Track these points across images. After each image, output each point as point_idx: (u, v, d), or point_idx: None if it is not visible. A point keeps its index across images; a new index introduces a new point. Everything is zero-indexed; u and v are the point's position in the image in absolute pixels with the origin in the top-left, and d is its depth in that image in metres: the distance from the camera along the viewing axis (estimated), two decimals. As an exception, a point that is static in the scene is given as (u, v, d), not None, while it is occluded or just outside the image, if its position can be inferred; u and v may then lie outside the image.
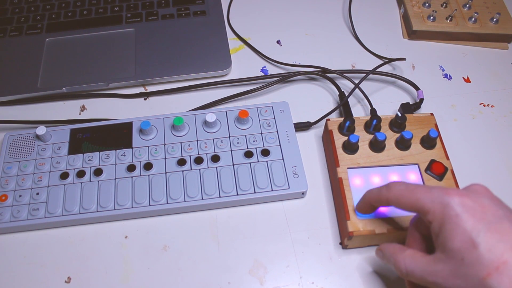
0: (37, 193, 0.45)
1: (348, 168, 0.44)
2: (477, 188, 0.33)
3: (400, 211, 0.41)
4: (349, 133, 0.46)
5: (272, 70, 0.58)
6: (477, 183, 0.34)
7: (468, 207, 0.31)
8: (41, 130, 0.47)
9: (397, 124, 0.46)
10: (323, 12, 0.64)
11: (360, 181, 0.43)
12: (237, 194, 0.44)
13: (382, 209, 0.41)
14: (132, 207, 0.44)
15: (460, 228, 0.30)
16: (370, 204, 0.38)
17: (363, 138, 0.46)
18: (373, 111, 0.50)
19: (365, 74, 0.53)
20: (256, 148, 0.47)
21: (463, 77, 0.57)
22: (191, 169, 0.46)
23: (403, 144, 0.45)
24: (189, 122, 0.49)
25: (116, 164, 0.47)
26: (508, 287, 0.28)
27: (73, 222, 0.44)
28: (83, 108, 0.54)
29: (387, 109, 0.53)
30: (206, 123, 0.49)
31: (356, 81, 0.53)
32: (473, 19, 0.60)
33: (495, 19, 0.60)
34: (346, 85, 0.55)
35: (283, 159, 0.46)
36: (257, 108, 0.50)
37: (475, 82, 0.56)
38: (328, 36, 0.61)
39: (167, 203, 0.44)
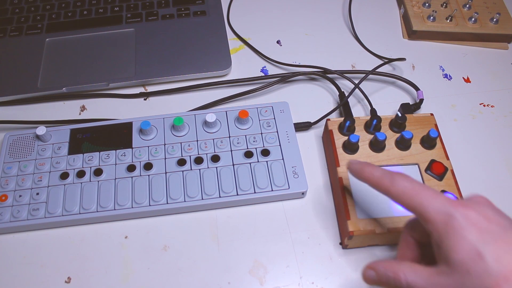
0: (37, 193, 0.45)
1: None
2: (479, 200, 0.32)
3: (400, 209, 0.41)
4: (349, 133, 0.46)
5: (272, 70, 0.58)
6: (478, 194, 0.33)
7: (472, 218, 0.30)
8: (41, 130, 0.47)
9: (397, 124, 0.46)
10: (323, 12, 0.64)
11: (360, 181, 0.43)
12: (237, 194, 0.44)
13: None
14: (132, 207, 0.44)
15: (465, 239, 0.29)
16: (364, 179, 0.36)
17: (363, 138, 0.46)
18: (373, 111, 0.50)
19: (365, 74, 0.53)
20: (256, 148, 0.47)
21: (463, 77, 0.57)
22: (191, 169, 0.46)
23: (403, 144, 0.45)
24: (189, 122, 0.49)
25: (116, 164, 0.47)
26: None
27: (73, 222, 0.44)
28: (83, 108, 0.54)
29: (387, 109, 0.53)
30: (206, 123, 0.49)
31: (356, 81, 0.53)
32: (473, 19, 0.60)
33: (495, 19, 0.60)
34: (346, 85, 0.55)
35: (283, 159, 0.46)
36: (257, 108, 0.50)
37: (475, 82, 0.56)
38: (328, 36, 0.61)
39: (167, 203, 0.44)
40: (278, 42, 0.61)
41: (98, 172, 0.46)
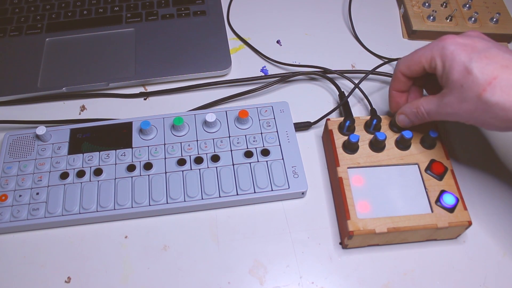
0: (37, 193, 0.45)
1: (348, 168, 0.44)
2: (470, 32, 0.39)
3: (400, 209, 0.41)
4: (349, 133, 0.46)
5: (272, 70, 0.58)
6: (472, 30, 0.40)
7: (460, 43, 0.37)
8: (41, 130, 0.47)
9: (397, 124, 0.46)
10: (323, 12, 0.64)
11: (360, 181, 0.43)
12: (237, 194, 0.44)
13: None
14: (132, 207, 0.44)
15: (455, 61, 0.37)
16: (394, 96, 0.45)
17: (363, 138, 0.46)
18: (373, 111, 0.50)
19: (365, 74, 0.53)
20: (256, 148, 0.47)
21: (463, 77, 0.57)
22: (191, 169, 0.46)
23: (403, 144, 0.45)
24: (189, 122, 0.49)
25: (116, 164, 0.47)
26: (500, 96, 0.34)
27: (73, 222, 0.44)
28: (83, 108, 0.54)
29: (387, 109, 0.53)
30: (206, 123, 0.49)
31: (356, 81, 0.53)
32: (473, 19, 0.60)
33: (495, 19, 0.60)
34: (346, 85, 0.55)
35: (283, 159, 0.46)
36: (257, 108, 0.50)
37: (475, 82, 0.56)
38: (328, 36, 0.61)
39: (167, 203, 0.44)
40: (278, 42, 0.61)
41: (98, 172, 0.46)
